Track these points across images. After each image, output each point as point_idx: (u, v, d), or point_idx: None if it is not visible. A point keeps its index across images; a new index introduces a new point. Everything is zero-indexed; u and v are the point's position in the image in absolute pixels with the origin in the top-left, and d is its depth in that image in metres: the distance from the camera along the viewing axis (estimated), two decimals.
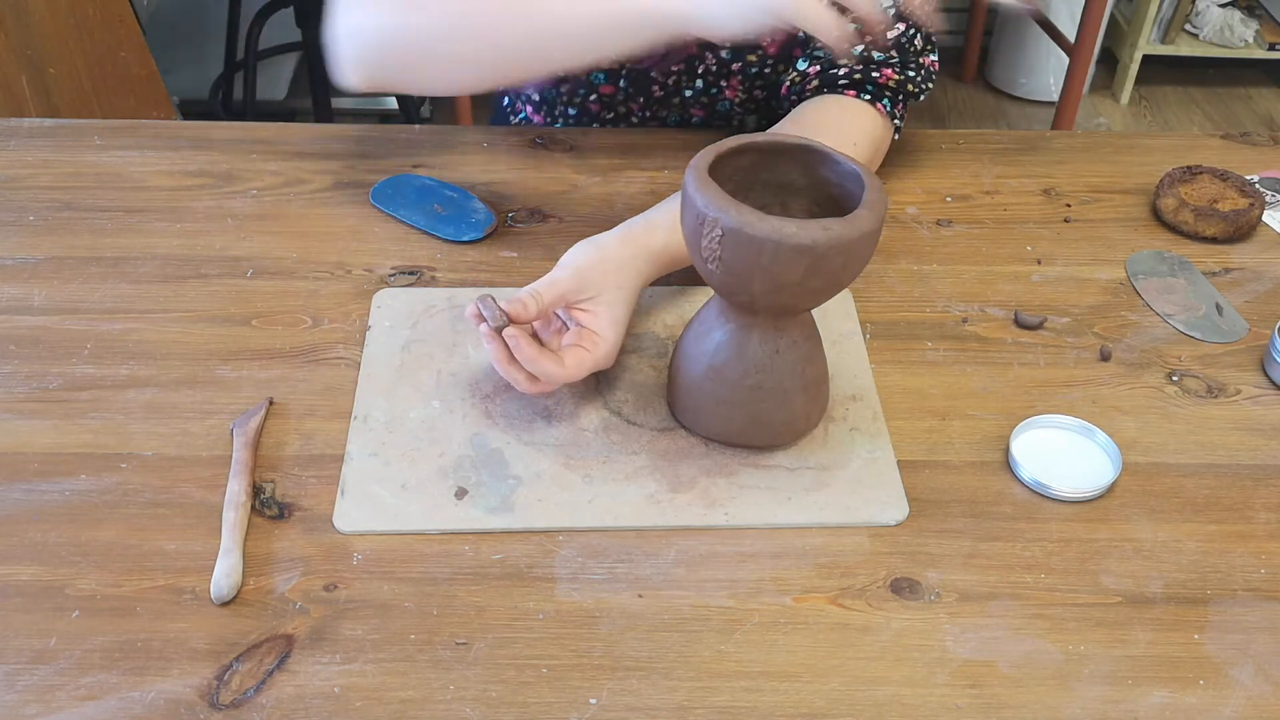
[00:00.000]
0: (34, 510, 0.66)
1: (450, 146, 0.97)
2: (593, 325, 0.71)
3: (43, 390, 0.73)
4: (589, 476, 0.68)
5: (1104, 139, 1.05)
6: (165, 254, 0.85)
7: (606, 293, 0.71)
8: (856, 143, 0.86)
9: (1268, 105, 2.83)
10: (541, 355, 0.67)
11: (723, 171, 0.65)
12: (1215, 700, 0.58)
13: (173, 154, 0.96)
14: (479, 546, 0.64)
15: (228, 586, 0.61)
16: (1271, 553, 0.66)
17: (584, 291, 0.71)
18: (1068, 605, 0.62)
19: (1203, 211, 0.89)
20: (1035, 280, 0.86)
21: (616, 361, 0.73)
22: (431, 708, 0.56)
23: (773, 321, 0.65)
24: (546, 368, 0.68)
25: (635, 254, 0.73)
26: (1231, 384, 0.77)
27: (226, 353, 0.77)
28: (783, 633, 0.60)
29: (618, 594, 0.62)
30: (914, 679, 0.58)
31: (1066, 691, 0.58)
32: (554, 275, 0.71)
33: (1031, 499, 0.68)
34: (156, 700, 0.56)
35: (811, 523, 0.66)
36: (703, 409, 0.69)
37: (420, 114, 2.44)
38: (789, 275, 0.60)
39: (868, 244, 0.61)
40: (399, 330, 0.78)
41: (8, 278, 0.82)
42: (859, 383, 0.75)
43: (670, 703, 0.57)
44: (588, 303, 0.71)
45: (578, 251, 0.73)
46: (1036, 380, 0.77)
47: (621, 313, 0.72)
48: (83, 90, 1.65)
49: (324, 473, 0.68)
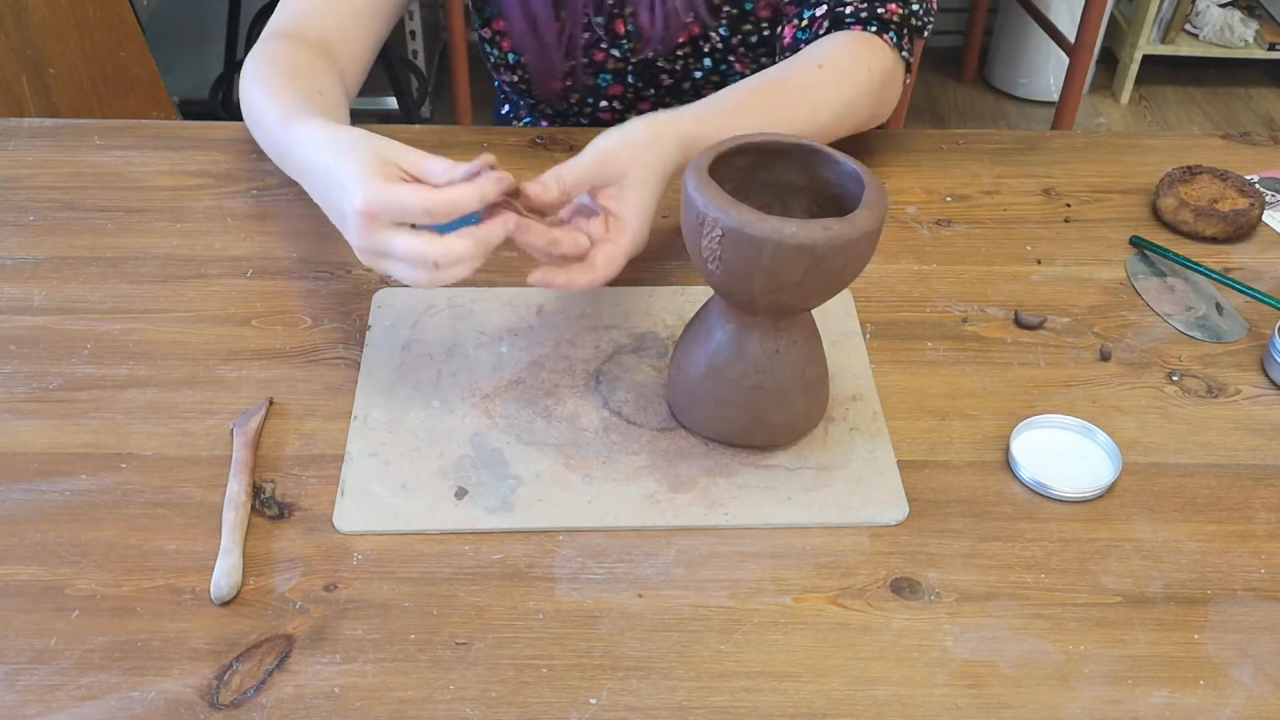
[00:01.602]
0: (34, 510, 0.66)
1: (450, 146, 0.97)
2: (619, 210, 0.70)
3: (43, 390, 0.73)
4: (589, 476, 0.68)
5: (1104, 139, 1.05)
6: (165, 254, 0.85)
7: (632, 174, 0.71)
8: (870, 67, 0.86)
9: (1268, 105, 2.83)
10: (568, 260, 0.68)
11: (723, 171, 0.65)
12: (1215, 700, 0.58)
13: (173, 154, 0.96)
14: (479, 546, 0.64)
15: (228, 586, 0.61)
16: (1271, 553, 0.66)
17: (608, 175, 0.70)
18: (1068, 605, 0.62)
19: (1203, 211, 0.89)
20: (1035, 280, 0.86)
21: (616, 361, 0.73)
22: (431, 708, 0.56)
23: (773, 321, 0.65)
24: (577, 278, 0.68)
25: (660, 138, 0.73)
26: (1231, 384, 0.77)
27: (226, 353, 0.77)
28: (783, 633, 0.60)
29: (618, 594, 0.62)
30: (914, 679, 0.58)
31: (1066, 691, 0.58)
32: (577, 158, 0.71)
33: (1031, 499, 0.68)
34: (156, 700, 0.56)
35: (811, 523, 0.66)
36: (703, 409, 0.69)
37: (420, 114, 2.44)
38: (789, 275, 0.60)
39: (868, 244, 0.61)
40: (399, 330, 0.78)
41: (8, 278, 0.82)
42: (859, 383, 0.75)
43: (670, 703, 0.57)
44: (613, 188, 0.71)
45: (603, 137, 0.73)
46: (1036, 380, 0.77)
47: (649, 198, 0.71)
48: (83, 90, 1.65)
49: (324, 473, 0.68)
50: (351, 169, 0.65)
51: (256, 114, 0.81)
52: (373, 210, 0.63)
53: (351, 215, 0.64)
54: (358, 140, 0.67)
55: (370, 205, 0.63)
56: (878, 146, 1.01)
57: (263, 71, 0.82)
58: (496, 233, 0.65)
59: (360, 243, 0.65)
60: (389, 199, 0.63)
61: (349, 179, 0.65)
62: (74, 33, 1.62)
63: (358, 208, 0.63)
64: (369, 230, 0.64)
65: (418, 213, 0.63)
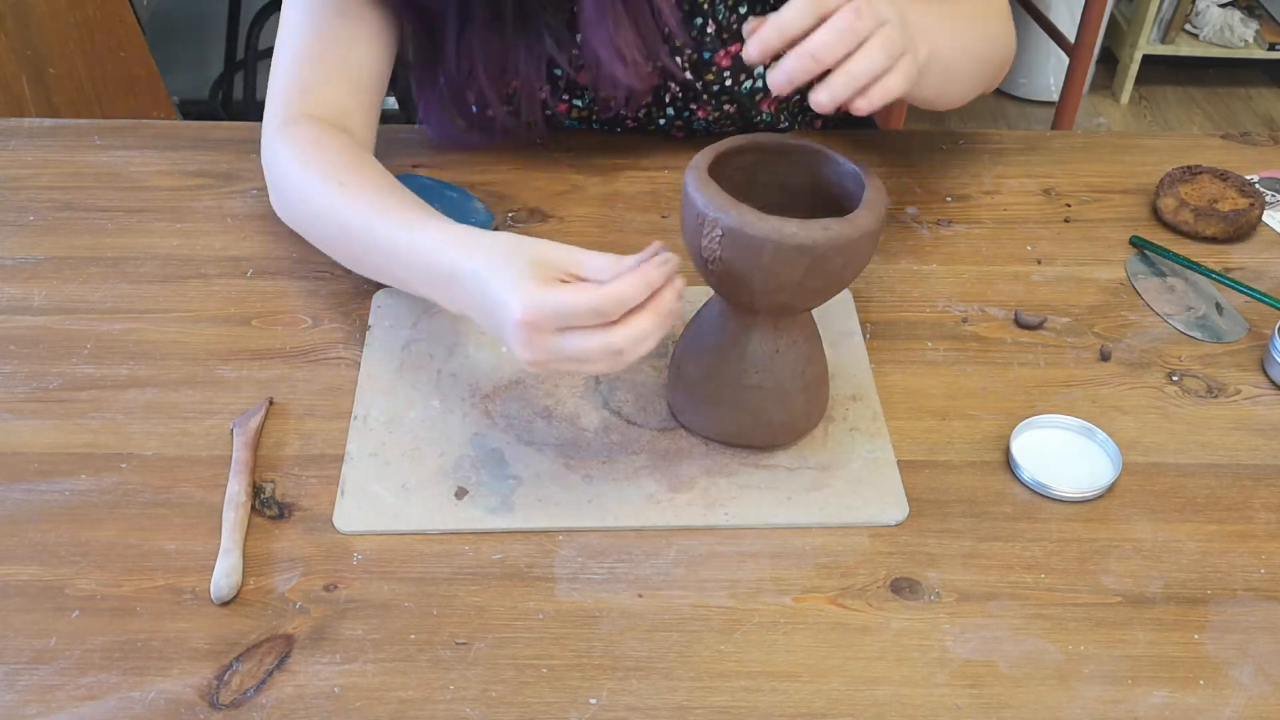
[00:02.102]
0: (34, 510, 0.66)
1: (450, 146, 0.97)
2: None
3: (43, 390, 0.73)
4: (589, 476, 0.68)
5: (1104, 139, 1.05)
6: (165, 254, 0.85)
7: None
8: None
9: (1268, 105, 2.83)
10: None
11: (723, 171, 0.65)
12: (1215, 700, 0.58)
13: (173, 154, 0.96)
14: (479, 546, 0.64)
15: (228, 586, 0.61)
16: (1271, 553, 0.66)
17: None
18: (1068, 605, 0.62)
19: (1203, 211, 0.89)
20: (1035, 280, 0.86)
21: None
22: (431, 708, 0.56)
23: (773, 321, 0.65)
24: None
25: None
26: (1231, 384, 0.77)
27: (226, 353, 0.77)
28: (783, 633, 0.60)
29: (618, 594, 0.62)
30: (914, 679, 0.58)
31: (1066, 691, 0.58)
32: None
33: (1031, 499, 0.68)
34: (156, 700, 0.56)
35: (811, 523, 0.66)
36: (703, 409, 0.69)
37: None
38: (789, 275, 0.60)
39: (868, 244, 0.61)
40: (399, 330, 0.78)
41: (8, 278, 0.82)
42: (859, 383, 0.75)
43: (670, 703, 0.57)
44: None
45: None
46: (1036, 380, 0.77)
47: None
48: (83, 90, 1.65)
49: (324, 473, 0.68)
50: (506, 278, 0.60)
51: (324, 214, 0.75)
52: (536, 322, 0.58)
53: (513, 329, 0.59)
54: (509, 246, 0.62)
55: (532, 317, 0.58)
56: (878, 146, 1.01)
57: (316, 166, 0.76)
58: (672, 301, 0.60)
59: (529, 356, 0.60)
60: (552, 307, 0.58)
61: (505, 290, 0.60)
62: (74, 33, 1.62)
63: (518, 320, 0.58)
64: (535, 343, 0.59)
65: (586, 315, 0.58)
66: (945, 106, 0.85)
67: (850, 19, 0.61)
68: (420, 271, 0.68)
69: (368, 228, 0.72)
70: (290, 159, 0.78)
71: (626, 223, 0.90)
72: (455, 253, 0.65)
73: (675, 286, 0.60)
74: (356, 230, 0.73)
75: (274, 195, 0.82)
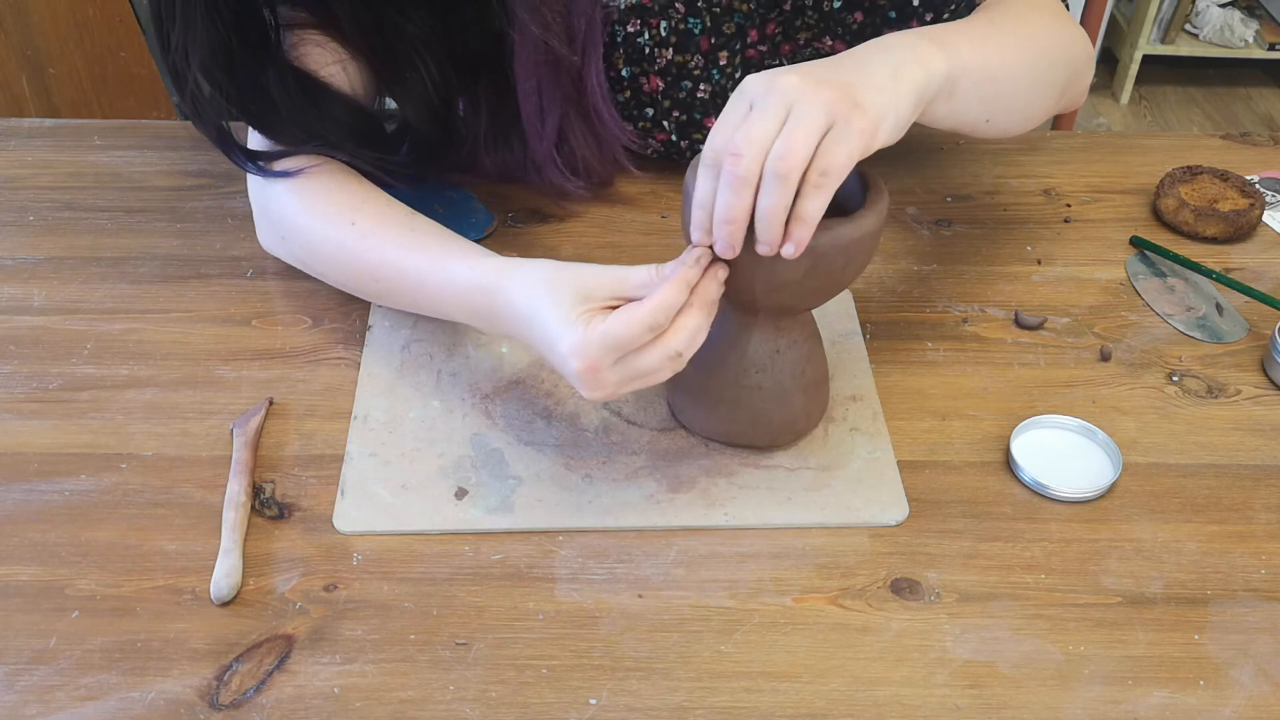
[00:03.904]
0: (34, 510, 0.65)
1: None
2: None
3: (43, 390, 0.73)
4: (589, 476, 0.68)
5: (1104, 139, 1.04)
6: (165, 254, 0.85)
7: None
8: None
9: (1268, 105, 2.83)
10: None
11: None
12: (1215, 700, 0.58)
13: (173, 154, 0.96)
14: (479, 546, 0.64)
15: (228, 586, 0.61)
16: (1271, 553, 0.66)
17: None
18: (1068, 605, 0.62)
19: (1203, 211, 0.89)
20: (1035, 280, 0.86)
21: None
22: (431, 708, 0.56)
23: (773, 321, 0.65)
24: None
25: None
26: (1231, 384, 0.77)
27: (226, 353, 0.77)
28: (783, 633, 0.60)
29: (618, 594, 0.62)
30: (914, 679, 0.58)
31: (1066, 691, 0.58)
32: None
33: (1031, 499, 0.68)
34: (156, 700, 0.56)
35: (811, 523, 0.66)
36: (703, 409, 0.69)
37: None
38: (789, 275, 0.60)
39: (868, 244, 0.61)
40: (399, 330, 0.78)
41: (8, 278, 0.82)
42: (859, 383, 0.75)
43: (670, 703, 0.57)
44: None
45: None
46: (1036, 380, 0.77)
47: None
48: (83, 90, 1.66)
49: (324, 473, 0.68)
50: (553, 318, 0.60)
51: (339, 258, 0.74)
52: (594, 364, 0.59)
53: (575, 379, 0.60)
54: (548, 276, 0.62)
55: (590, 361, 0.58)
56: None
57: (320, 208, 0.74)
58: (714, 290, 0.60)
59: (598, 395, 0.60)
60: (606, 344, 0.58)
61: (553, 333, 0.60)
62: (74, 33, 1.62)
63: (577, 371, 0.59)
64: (600, 382, 0.59)
65: (640, 336, 0.58)
66: (1012, 127, 0.75)
67: (732, 166, 0.55)
68: (454, 306, 0.69)
69: (397, 267, 0.70)
70: (301, 208, 0.75)
71: (626, 223, 0.90)
72: (493, 286, 0.65)
73: (716, 277, 0.60)
74: (381, 269, 0.71)
75: (271, 232, 0.79)
